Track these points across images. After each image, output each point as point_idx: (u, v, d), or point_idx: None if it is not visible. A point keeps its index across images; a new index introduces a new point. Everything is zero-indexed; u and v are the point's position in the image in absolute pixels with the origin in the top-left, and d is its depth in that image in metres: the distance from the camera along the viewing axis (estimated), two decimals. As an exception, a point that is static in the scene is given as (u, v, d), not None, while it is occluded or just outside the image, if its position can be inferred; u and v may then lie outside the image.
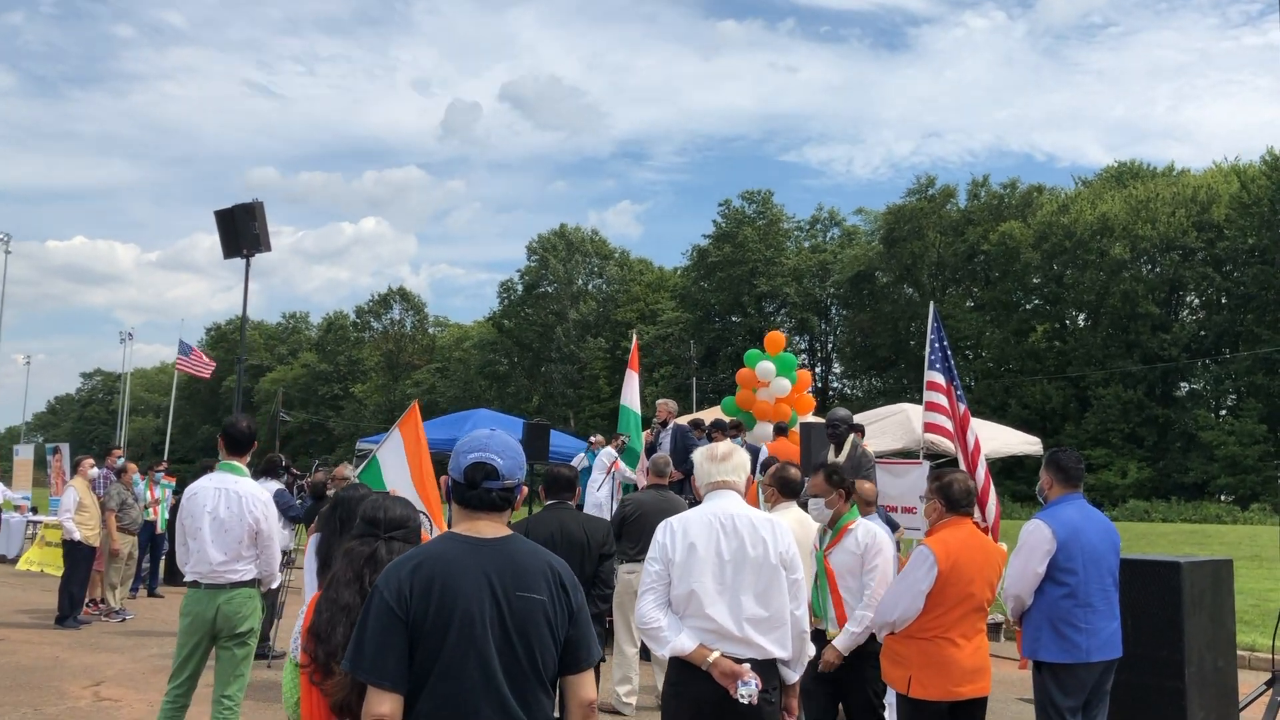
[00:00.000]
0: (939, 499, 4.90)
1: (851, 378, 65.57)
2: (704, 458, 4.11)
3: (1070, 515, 5.13)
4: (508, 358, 75.59)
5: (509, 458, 2.81)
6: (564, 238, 75.08)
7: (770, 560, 3.82)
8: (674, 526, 3.92)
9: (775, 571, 3.83)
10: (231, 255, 17.60)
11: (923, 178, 59.28)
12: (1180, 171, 55.50)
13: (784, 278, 63.46)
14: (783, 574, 3.85)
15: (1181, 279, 49.49)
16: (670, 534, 3.90)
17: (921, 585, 4.68)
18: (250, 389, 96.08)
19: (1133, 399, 48.13)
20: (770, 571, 3.82)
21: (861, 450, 8.96)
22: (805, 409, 15.03)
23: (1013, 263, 53.15)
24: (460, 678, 2.57)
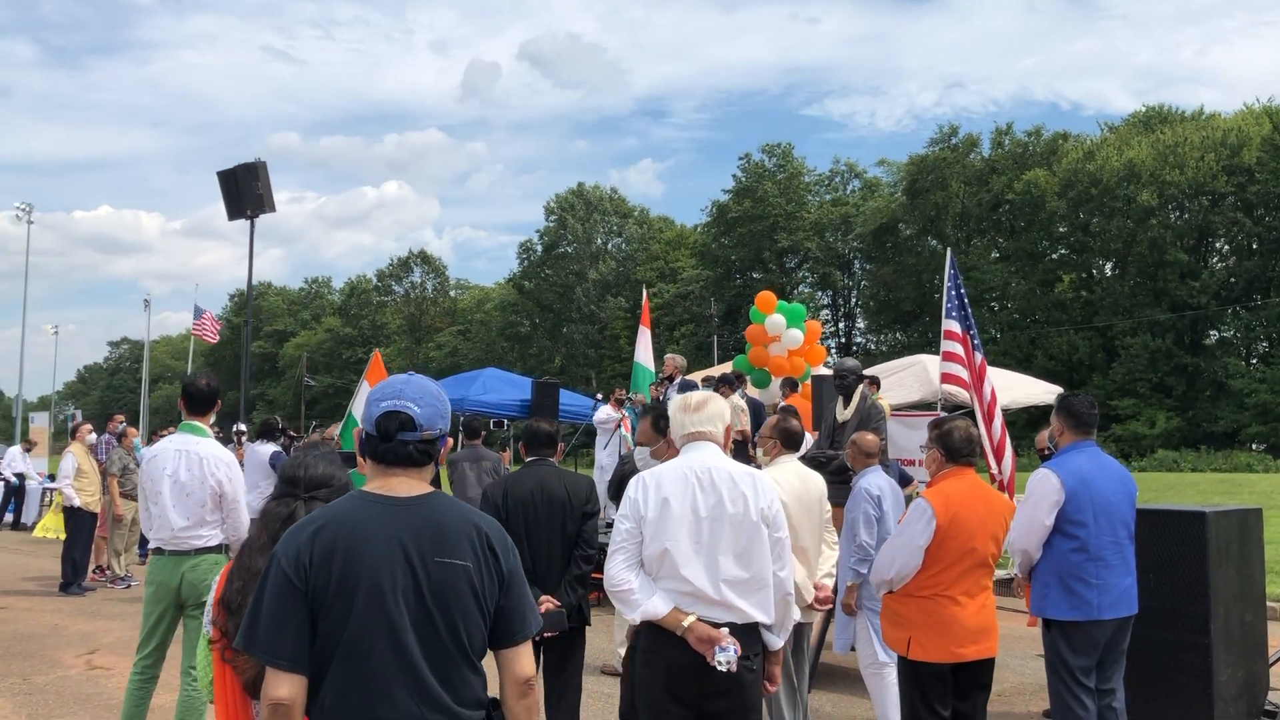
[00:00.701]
0: (938, 448, 4.57)
1: (875, 332, 64.95)
2: (678, 408, 3.78)
3: (1080, 464, 4.79)
4: (529, 319, 75.46)
5: (427, 405, 2.47)
6: (582, 197, 74.56)
7: (751, 517, 3.51)
8: (646, 481, 3.61)
9: (756, 529, 3.52)
10: (235, 217, 17.36)
11: (945, 127, 58.28)
12: (1209, 115, 54.19)
13: (805, 232, 62.77)
14: (764, 532, 3.53)
15: (1211, 225, 48.47)
16: (642, 489, 3.59)
17: (919, 540, 4.37)
18: (275, 354, 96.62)
19: (1161, 348, 47.34)
20: (751, 529, 3.51)
21: (871, 402, 8.61)
22: (817, 360, 14.68)
23: (1038, 212, 52.24)
24: (369, 656, 2.27)
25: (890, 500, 6.07)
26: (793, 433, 5.47)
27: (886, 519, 5.94)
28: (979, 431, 4.57)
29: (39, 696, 7.04)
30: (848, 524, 5.98)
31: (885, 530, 5.92)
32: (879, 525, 5.89)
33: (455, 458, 9.37)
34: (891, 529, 5.95)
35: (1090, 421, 4.91)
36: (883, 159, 64.96)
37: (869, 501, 5.93)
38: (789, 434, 5.46)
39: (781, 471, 5.38)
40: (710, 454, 3.65)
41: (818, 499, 5.44)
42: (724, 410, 3.78)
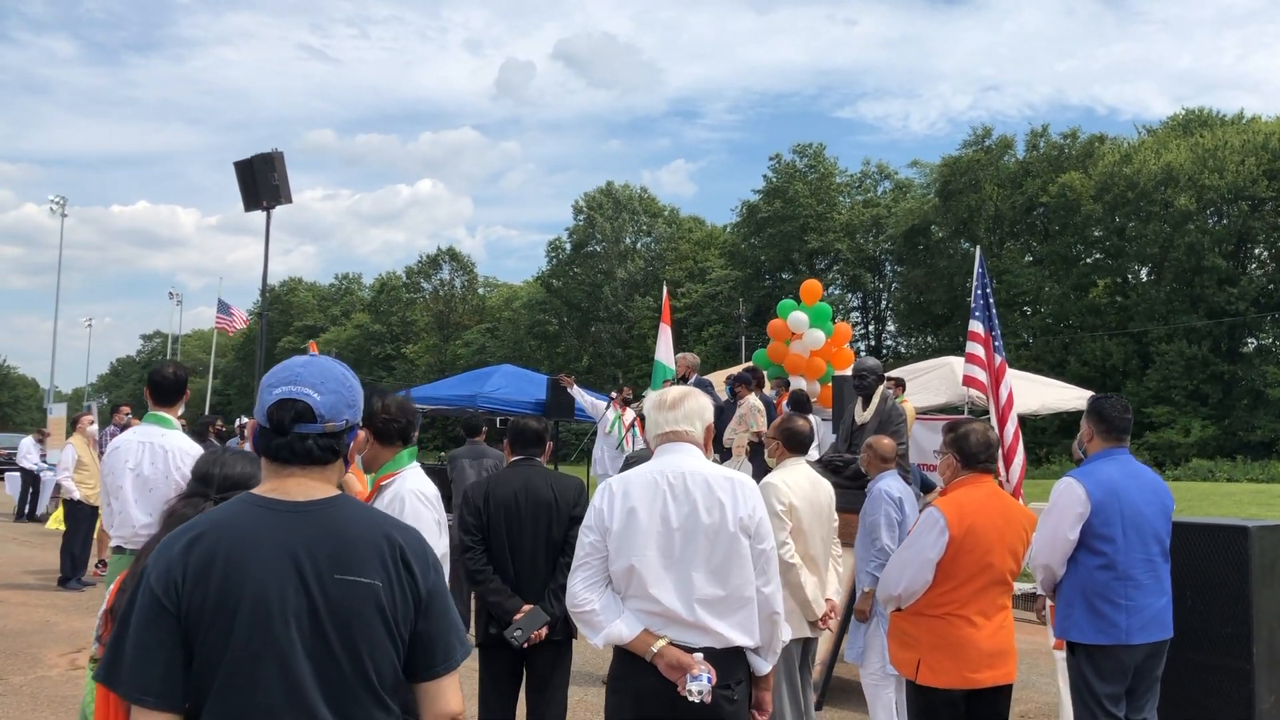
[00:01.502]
0: (953, 453, 4.17)
1: (906, 335, 64.20)
2: (652, 406, 3.40)
3: (1109, 473, 4.36)
4: (557, 317, 75.21)
5: (330, 392, 2.08)
6: (611, 196, 74.25)
7: (728, 528, 3.12)
8: (613, 488, 3.23)
9: (734, 541, 3.13)
10: (252, 208, 17.10)
11: (979, 129, 57.48)
12: (1250, 119, 53.09)
13: (836, 233, 62.13)
14: (744, 544, 3.14)
15: (1250, 230, 47.45)
16: (608, 497, 3.22)
17: (929, 553, 3.96)
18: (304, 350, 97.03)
19: (1197, 355, 46.40)
20: (729, 541, 3.13)
21: (892, 404, 8.19)
22: (843, 363, 14.25)
23: (1073, 215, 51.36)
24: (253, 688, 1.89)
25: (910, 504, 5.71)
26: (797, 433, 5.09)
27: (906, 522, 5.58)
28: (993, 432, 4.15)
29: (13, 699, 6.77)
30: (866, 528, 5.61)
31: (905, 533, 5.56)
32: (899, 529, 5.53)
33: (456, 454, 9.03)
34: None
35: (1123, 427, 4.49)
36: (915, 160, 64.26)
37: (890, 504, 5.57)
38: (792, 435, 5.08)
39: (791, 474, 5.02)
40: (686, 457, 3.25)
41: (828, 506, 5.07)
42: (704, 408, 3.38)
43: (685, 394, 3.38)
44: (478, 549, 4.41)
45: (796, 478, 5.00)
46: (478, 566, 4.39)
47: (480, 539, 4.42)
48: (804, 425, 5.20)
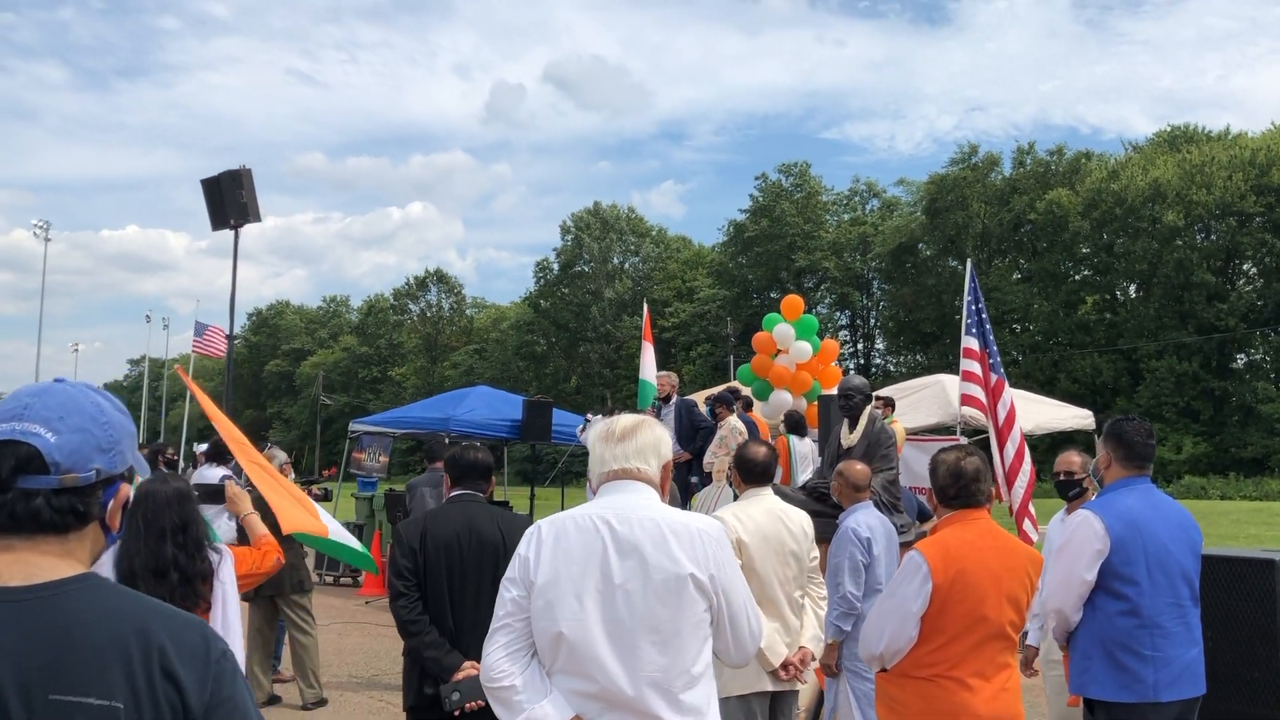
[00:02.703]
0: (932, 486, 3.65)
1: (895, 354, 63.97)
2: (597, 437, 2.85)
3: (1131, 505, 3.85)
4: (545, 338, 74.81)
5: (73, 430, 1.51)
6: (598, 216, 74.03)
7: (687, 588, 2.57)
8: (541, 532, 2.67)
9: (692, 604, 2.58)
10: (219, 227, 16.59)
11: (965, 146, 57.38)
12: (1237, 135, 53.08)
13: (823, 252, 61.91)
14: (701, 606, 2.59)
15: (1239, 246, 47.33)
16: (535, 542, 2.65)
17: (911, 605, 3.41)
18: (291, 373, 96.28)
19: (1187, 371, 46.19)
20: (686, 604, 2.58)
21: (881, 426, 7.69)
22: (830, 382, 13.77)
23: (1061, 232, 51.20)
24: None
25: (883, 543, 5.14)
26: (750, 462, 4.53)
27: (877, 566, 5.03)
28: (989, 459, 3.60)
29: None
30: (830, 570, 5.06)
31: (875, 579, 5.02)
32: (867, 573, 4.99)
33: (415, 483, 8.49)
34: (882, 577, 5.05)
35: (1145, 453, 3.98)
36: (902, 179, 64.21)
37: (856, 545, 5.00)
38: (745, 464, 4.53)
39: (745, 506, 4.49)
40: (635, 498, 2.69)
41: (796, 541, 4.50)
42: (659, 441, 2.83)
43: (638, 424, 2.84)
44: (411, 595, 3.88)
45: (750, 510, 4.47)
46: (411, 616, 3.86)
47: (414, 584, 3.89)
48: (759, 453, 4.61)
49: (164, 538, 3.55)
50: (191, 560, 3.57)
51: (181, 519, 3.60)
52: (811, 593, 4.62)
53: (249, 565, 3.95)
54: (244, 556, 3.96)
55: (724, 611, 2.64)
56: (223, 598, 3.63)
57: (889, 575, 5.15)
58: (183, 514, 3.62)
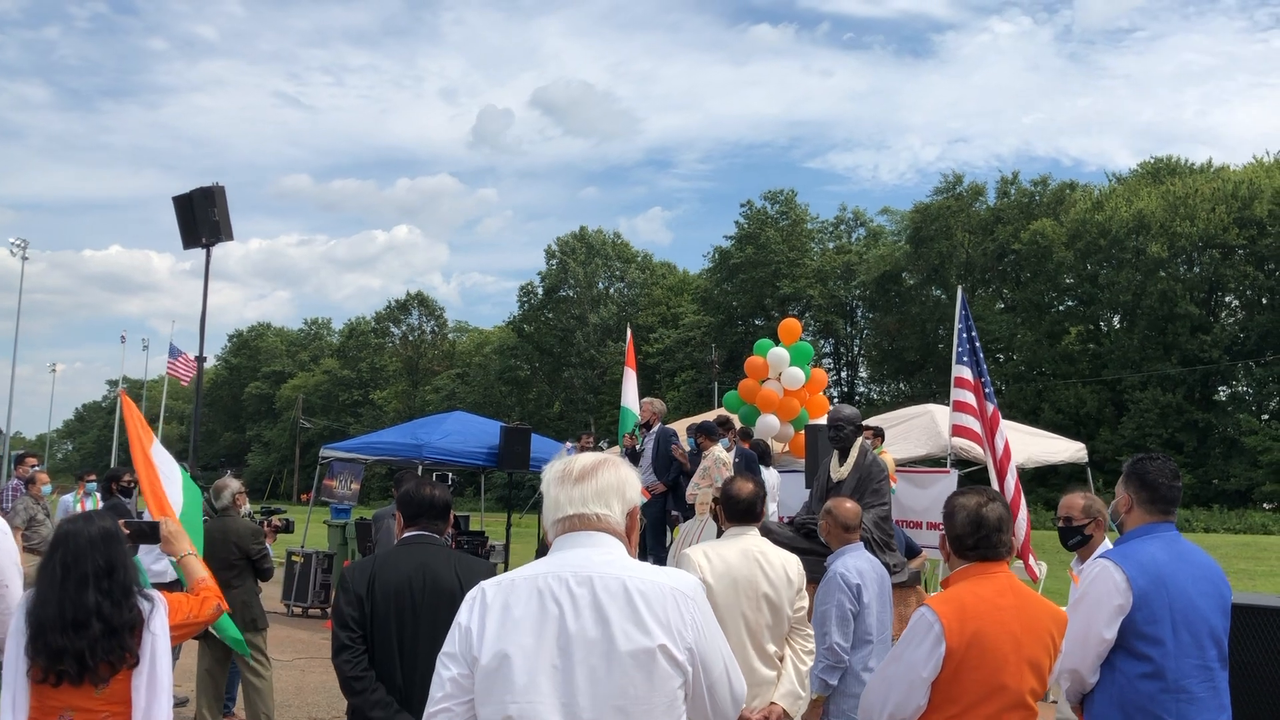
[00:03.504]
0: (946, 536, 3.25)
1: (878, 382, 63.84)
2: (552, 479, 2.43)
3: (1155, 555, 3.47)
4: (528, 363, 74.38)
5: None
6: (584, 241, 73.83)
7: (658, 662, 2.18)
8: (485, 596, 2.28)
9: (662, 682, 2.19)
10: (191, 245, 16.19)
11: (950, 176, 57.50)
12: (1219, 168, 53.36)
13: (808, 279, 61.82)
14: (675, 682, 2.20)
15: (1222, 278, 47.43)
16: (478, 609, 2.27)
17: (921, 669, 3.02)
18: (272, 396, 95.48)
19: (1171, 403, 46.14)
20: (659, 681, 2.19)
21: (872, 458, 7.33)
22: (818, 411, 13.45)
23: (1045, 262, 51.22)
24: None
25: (874, 589, 4.74)
26: (735, 499, 4.18)
27: (867, 614, 4.65)
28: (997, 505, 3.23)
29: None
30: (816, 619, 4.67)
31: (864, 629, 4.64)
32: (857, 622, 4.61)
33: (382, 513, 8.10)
34: (873, 627, 4.67)
35: (1171, 496, 3.61)
36: (886, 207, 64.27)
37: (844, 591, 4.60)
38: (731, 501, 4.18)
39: (721, 547, 4.13)
40: (596, 553, 2.29)
41: (774, 587, 4.12)
42: (624, 483, 2.42)
43: (599, 463, 2.44)
44: (356, 648, 3.48)
45: (725, 550, 4.11)
46: (355, 672, 3.46)
47: (360, 636, 3.50)
48: (745, 489, 4.26)
49: (86, 584, 3.17)
50: (118, 609, 3.19)
51: (107, 562, 3.22)
52: (794, 644, 4.23)
53: (185, 613, 3.54)
54: (179, 604, 3.55)
55: (701, 683, 2.26)
56: (152, 651, 3.23)
57: (880, 624, 4.78)
58: (108, 556, 3.23)
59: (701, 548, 4.15)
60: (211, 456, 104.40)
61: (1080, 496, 4.83)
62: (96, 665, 3.13)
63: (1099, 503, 4.77)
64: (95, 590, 3.17)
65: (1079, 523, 4.70)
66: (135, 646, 3.21)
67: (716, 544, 4.17)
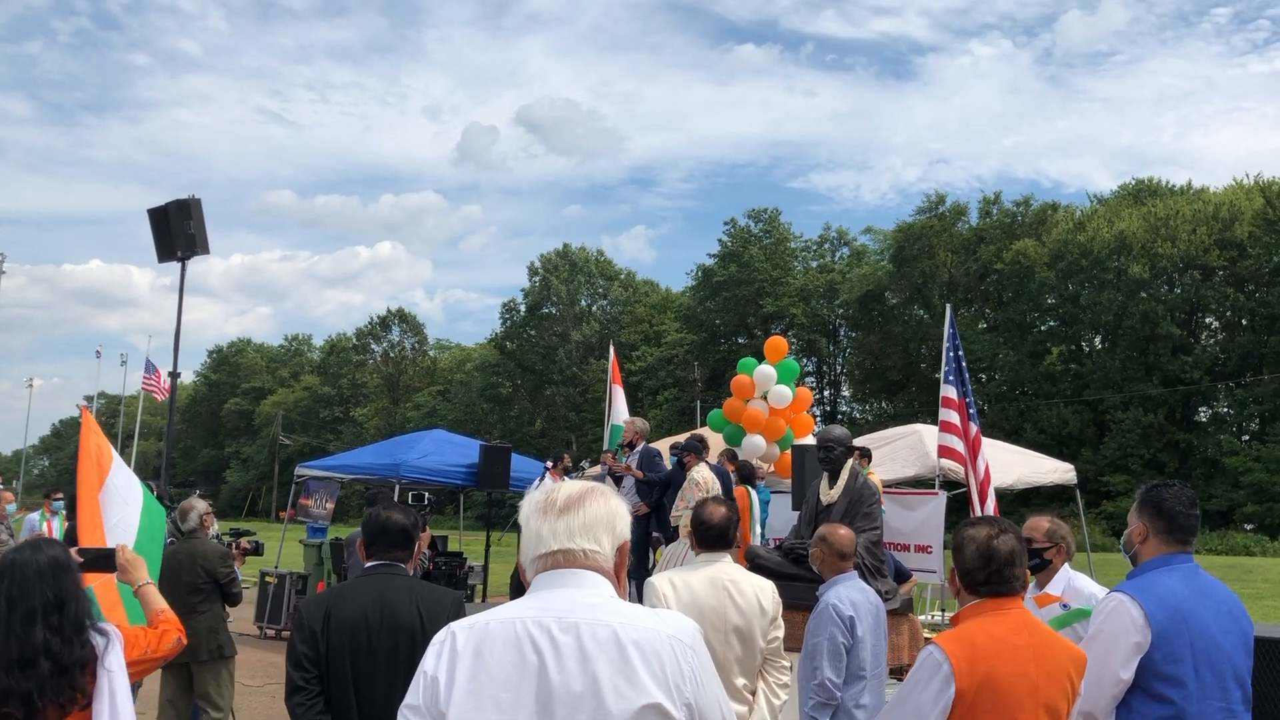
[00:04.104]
0: (955, 568, 2.99)
1: (861, 401, 63.79)
2: (532, 510, 2.15)
3: (1173, 589, 3.24)
4: (510, 380, 73.98)
5: None
6: (567, 258, 73.65)
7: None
8: (456, 644, 2.00)
9: None
10: (165, 259, 15.86)
11: (933, 195, 57.65)
12: (1200, 189, 53.71)
13: (791, 298, 61.80)
14: None
15: (1203, 299, 47.62)
16: (447, 659, 1.99)
17: (928, 713, 2.77)
18: (251, 412, 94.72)
19: (1153, 423, 46.21)
20: None
21: (863, 481, 7.09)
22: (804, 430, 13.22)
23: (1027, 282, 51.33)
24: None
25: (869, 621, 4.48)
26: (706, 524, 3.93)
27: (861, 648, 4.40)
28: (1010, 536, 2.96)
29: None
30: (807, 652, 4.42)
31: (858, 663, 4.39)
32: (850, 656, 4.36)
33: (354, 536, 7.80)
34: (866, 661, 4.41)
35: (1189, 526, 3.37)
36: (869, 227, 64.40)
37: (837, 624, 4.36)
38: (701, 526, 3.93)
39: (688, 574, 3.87)
40: (583, 594, 2.03)
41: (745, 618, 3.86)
42: (613, 515, 2.14)
43: (585, 493, 2.16)
44: (310, 690, 3.20)
45: (692, 578, 3.85)
46: (310, 716, 3.18)
47: (315, 676, 3.21)
48: (717, 513, 3.99)
49: (33, 619, 2.88)
50: (68, 646, 2.89)
51: (57, 595, 2.93)
52: (767, 678, 3.95)
53: (142, 648, 3.25)
54: (136, 638, 3.25)
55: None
56: (109, 690, 2.94)
57: (875, 658, 4.53)
58: (58, 588, 2.94)
59: (668, 575, 3.90)
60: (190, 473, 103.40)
61: (1046, 519, 4.53)
62: (45, 707, 2.84)
63: (1065, 529, 4.47)
64: (44, 626, 2.89)
65: (1039, 545, 4.35)
66: (87, 686, 2.92)
67: (684, 572, 3.92)
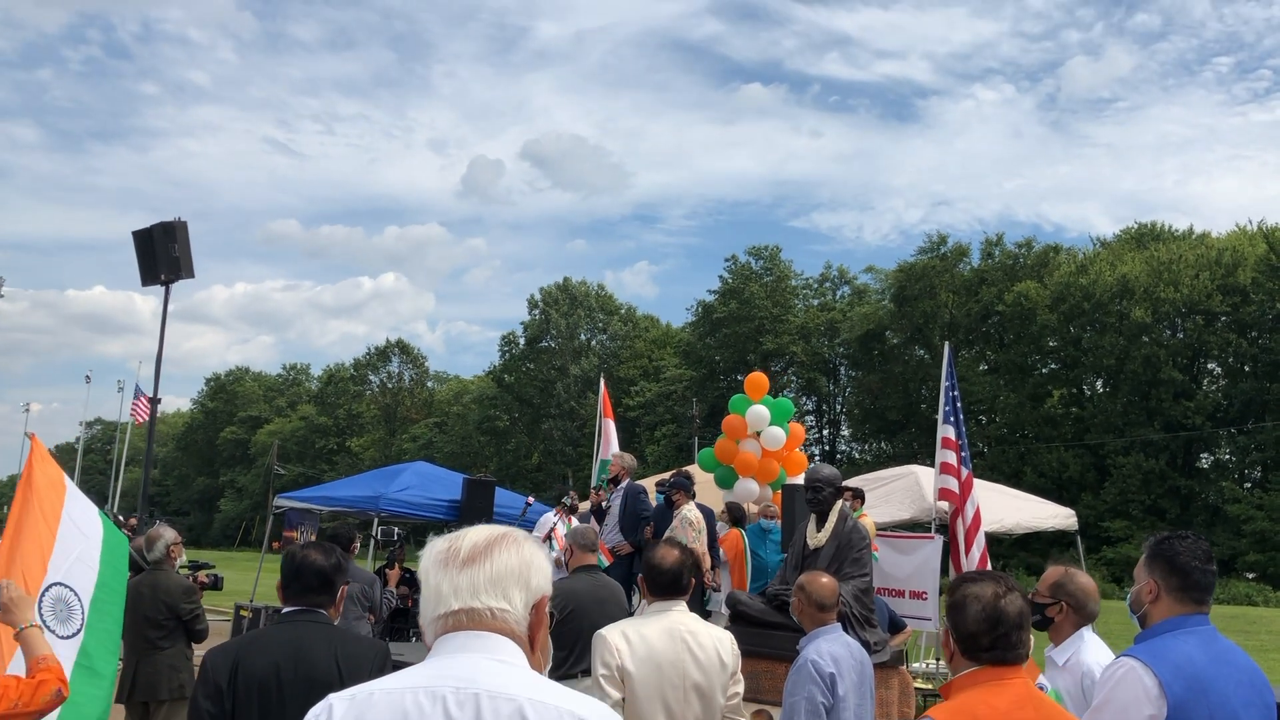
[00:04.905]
0: (950, 629, 2.64)
1: (860, 441, 63.30)
2: (433, 561, 1.83)
3: (1190, 655, 2.87)
4: (507, 413, 73.57)
5: None
6: (567, 291, 73.51)
7: None
8: (334, 713, 1.71)
9: None
10: (149, 282, 15.56)
11: (935, 236, 57.53)
12: (1202, 234, 53.60)
13: (791, 336, 61.53)
14: None
15: (1205, 345, 47.31)
16: None
17: None
18: (247, 441, 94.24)
19: (1154, 469, 45.73)
20: None
21: (853, 524, 6.69)
22: (796, 469, 12.81)
23: (1028, 324, 51.06)
24: None
25: (852, 679, 4.10)
26: (658, 570, 3.58)
27: (842, 708, 4.01)
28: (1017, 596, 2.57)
29: None
30: (785, 712, 4.04)
31: None
32: (830, 717, 3.98)
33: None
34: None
35: (1205, 583, 3.01)
36: (870, 266, 64.25)
37: (817, 682, 3.98)
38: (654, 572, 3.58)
39: (643, 626, 3.52)
40: (487, 661, 1.73)
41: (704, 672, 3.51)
42: (527, 567, 1.83)
43: (494, 541, 1.84)
44: (215, 755, 2.83)
45: (647, 630, 3.51)
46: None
47: (219, 738, 2.84)
48: (670, 558, 3.66)
49: None
50: None
51: None
52: None
53: (11, 700, 2.87)
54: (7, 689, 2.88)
55: None
56: None
57: (859, 718, 4.14)
58: None
59: (620, 627, 3.55)
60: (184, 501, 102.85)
61: (1059, 571, 4.05)
62: None
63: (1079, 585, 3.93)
64: None
65: (1041, 600, 3.92)
66: None
67: (638, 622, 3.58)
